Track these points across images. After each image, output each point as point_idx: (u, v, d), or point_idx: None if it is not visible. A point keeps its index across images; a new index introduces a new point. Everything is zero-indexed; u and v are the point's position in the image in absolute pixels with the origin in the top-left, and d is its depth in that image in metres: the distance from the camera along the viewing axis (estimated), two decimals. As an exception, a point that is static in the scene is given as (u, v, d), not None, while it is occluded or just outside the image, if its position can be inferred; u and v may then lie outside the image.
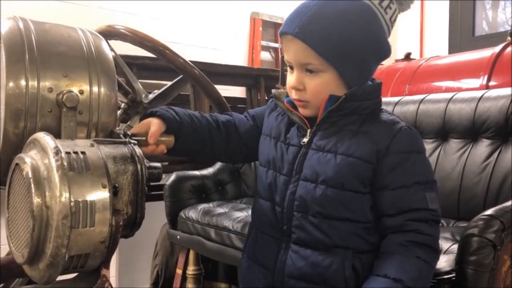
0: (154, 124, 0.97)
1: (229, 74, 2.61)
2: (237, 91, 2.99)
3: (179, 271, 1.99)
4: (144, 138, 0.96)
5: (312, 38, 0.90)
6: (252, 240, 1.05)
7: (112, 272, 2.65)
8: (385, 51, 0.97)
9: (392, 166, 0.91)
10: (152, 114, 1.00)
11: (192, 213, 1.78)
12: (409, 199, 0.91)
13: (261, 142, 1.06)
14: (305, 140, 0.97)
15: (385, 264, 0.89)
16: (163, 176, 2.48)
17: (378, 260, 0.91)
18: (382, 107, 1.00)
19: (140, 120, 1.03)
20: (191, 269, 1.92)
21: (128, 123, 1.48)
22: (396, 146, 0.92)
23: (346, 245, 0.92)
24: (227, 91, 2.73)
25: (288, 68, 0.98)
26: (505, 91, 1.48)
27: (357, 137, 0.93)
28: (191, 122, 1.03)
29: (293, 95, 0.97)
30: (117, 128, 1.41)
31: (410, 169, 0.92)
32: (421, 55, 4.04)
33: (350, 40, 0.91)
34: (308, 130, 0.98)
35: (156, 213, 2.17)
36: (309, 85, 0.94)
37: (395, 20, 0.98)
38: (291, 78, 0.97)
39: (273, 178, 0.99)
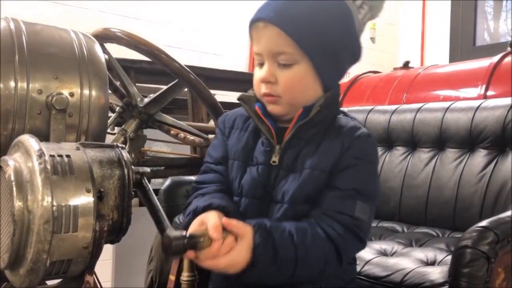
0: (212, 216, 0.83)
1: (228, 79, 2.60)
2: (235, 97, 2.98)
3: (172, 278, 1.97)
4: (202, 239, 0.78)
5: (288, 24, 0.84)
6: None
7: (108, 276, 2.64)
8: (358, 51, 0.92)
9: (340, 168, 0.87)
10: (204, 209, 0.85)
11: (186, 219, 1.77)
12: (340, 202, 0.85)
13: (230, 169, 0.96)
14: (275, 159, 0.90)
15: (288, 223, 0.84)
16: (161, 180, 2.46)
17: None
18: (342, 111, 0.94)
19: (188, 223, 0.86)
20: (185, 276, 1.89)
21: (123, 126, 1.47)
22: (351, 151, 0.87)
23: None
24: (225, 96, 2.73)
25: (257, 65, 0.90)
26: (503, 101, 1.47)
27: (320, 148, 0.88)
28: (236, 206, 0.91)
29: (263, 89, 0.89)
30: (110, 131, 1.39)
31: (354, 175, 0.87)
32: (421, 64, 4.04)
33: (328, 30, 0.86)
34: (277, 147, 0.90)
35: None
36: (281, 78, 0.87)
37: (365, 23, 0.96)
38: (261, 71, 0.88)
39: (248, 205, 0.91)
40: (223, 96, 2.61)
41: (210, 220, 0.81)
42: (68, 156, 0.72)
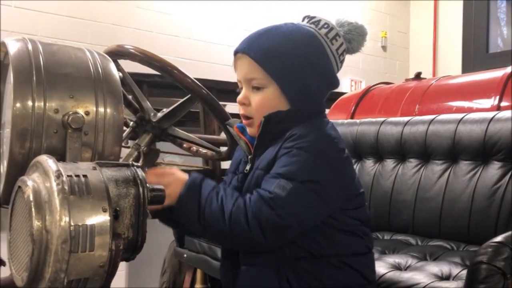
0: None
1: (239, 92, 2.61)
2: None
3: (185, 290, 1.98)
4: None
5: (256, 53, 0.97)
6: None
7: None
8: (332, 79, 1.00)
9: (275, 162, 0.93)
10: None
11: (199, 232, 1.77)
12: (263, 183, 0.92)
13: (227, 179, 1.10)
14: (247, 168, 1.01)
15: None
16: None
17: None
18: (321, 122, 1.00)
19: None
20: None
21: (137, 141, 1.48)
22: (284, 144, 0.93)
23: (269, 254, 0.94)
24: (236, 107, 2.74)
25: (239, 90, 1.03)
26: (517, 112, 1.46)
27: (267, 151, 0.96)
28: None
29: (240, 111, 1.02)
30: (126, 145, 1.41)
31: (282, 162, 0.92)
32: (434, 74, 4.01)
33: (291, 56, 0.96)
34: (249, 157, 1.02)
35: (165, 229, 2.17)
36: (253, 100, 0.99)
37: (342, 53, 1.02)
38: (239, 95, 1.01)
39: None
40: (234, 107, 2.63)
41: None
42: (85, 176, 0.74)
